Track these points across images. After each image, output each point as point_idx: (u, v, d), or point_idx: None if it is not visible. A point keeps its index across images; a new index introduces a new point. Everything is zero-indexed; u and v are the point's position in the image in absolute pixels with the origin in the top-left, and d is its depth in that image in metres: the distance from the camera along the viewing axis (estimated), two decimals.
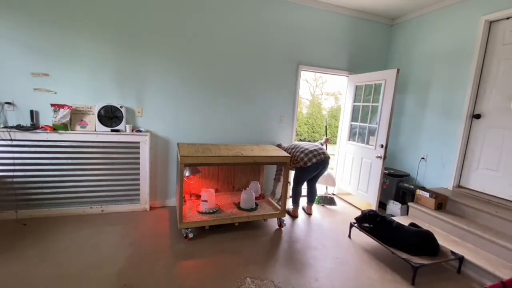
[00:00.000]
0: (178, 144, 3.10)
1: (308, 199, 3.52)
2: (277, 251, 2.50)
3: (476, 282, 2.20)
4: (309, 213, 3.47)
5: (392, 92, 3.18)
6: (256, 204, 3.06)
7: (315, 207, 3.68)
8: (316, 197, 3.60)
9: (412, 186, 3.32)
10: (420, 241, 2.29)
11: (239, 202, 3.06)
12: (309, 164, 3.15)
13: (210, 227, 2.80)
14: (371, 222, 2.60)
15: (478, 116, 3.02)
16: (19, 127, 2.65)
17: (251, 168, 3.60)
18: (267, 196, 3.44)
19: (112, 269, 2.06)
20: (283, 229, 2.96)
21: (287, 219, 3.22)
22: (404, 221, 2.90)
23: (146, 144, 3.05)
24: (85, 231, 2.59)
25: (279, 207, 2.99)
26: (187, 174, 3.05)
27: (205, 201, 2.83)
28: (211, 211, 2.82)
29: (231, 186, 3.56)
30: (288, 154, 2.92)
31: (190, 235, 2.58)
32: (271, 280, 2.06)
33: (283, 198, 2.92)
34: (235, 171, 3.54)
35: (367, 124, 3.71)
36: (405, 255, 2.23)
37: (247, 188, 3.12)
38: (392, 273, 2.26)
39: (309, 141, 12.12)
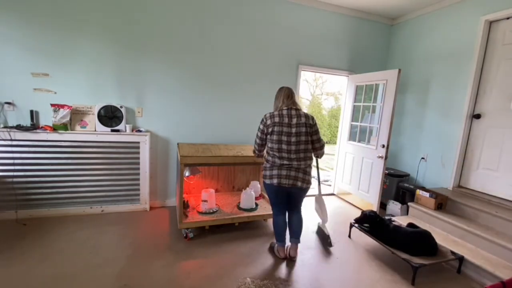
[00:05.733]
0: (178, 144, 3.10)
1: (290, 234, 2.40)
2: None
3: (476, 282, 2.20)
4: (289, 256, 2.35)
5: (393, 92, 3.18)
6: (256, 204, 3.06)
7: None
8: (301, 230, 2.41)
9: (412, 186, 3.32)
10: (416, 242, 2.29)
11: (239, 202, 3.05)
12: (268, 182, 2.20)
13: (210, 227, 2.80)
14: (370, 222, 2.61)
15: (478, 116, 3.02)
16: (19, 127, 2.65)
17: (251, 168, 3.60)
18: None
19: (112, 269, 2.06)
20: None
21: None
22: (404, 221, 2.91)
23: (146, 144, 3.05)
24: (85, 231, 2.59)
25: None
26: (187, 174, 3.04)
27: (205, 201, 2.83)
28: (211, 211, 2.82)
29: (231, 186, 3.56)
30: None
31: (190, 235, 2.58)
32: (271, 280, 2.06)
33: None
34: (235, 171, 3.54)
35: (368, 124, 3.71)
36: (405, 255, 2.23)
37: (247, 188, 3.12)
38: (392, 273, 2.26)
39: None
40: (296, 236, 2.36)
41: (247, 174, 3.59)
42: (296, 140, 2.12)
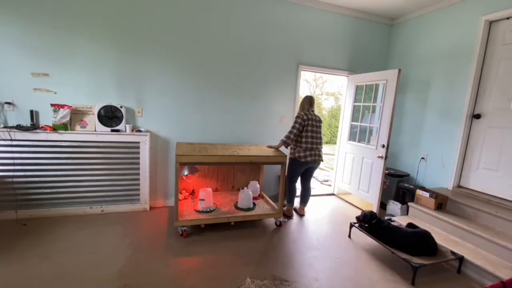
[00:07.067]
0: (177, 143, 3.10)
1: (302, 199, 3.40)
2: (277, 251, 2.50)
3: (476, 282, 2.20)
4: (302, 214, 3.36)
5: (393, 92, 3.18)
6: (254, 204, 3.07)
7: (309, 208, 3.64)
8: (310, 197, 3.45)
9: (412, 186, 3.32)
10: (416, 242, 2.29)
11: (237, 202, 3.06)
12: (303, 160, 3.07)
13: (210, 226, 2.80)
14: (367, 223, 2.61)
15: (478, 116, 3.02)
16: (19, 127, 2.65)
17: (251, 167, 3.60)
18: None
19: (112, 269, 2.06)
20: (282, 228, 2.96)
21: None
22: (404, 221, 2.91)
23: (146, 144, 3.05)
24: (85, 231, 2.59)
25: (276, 207, 2.99)
26: (186, 173, 3.05)
27: (203, 200, 2.84)
28: (208, 210, 2.83)
29: (231, 185, 3.56)
30: (284, 154, 2.92)
31: (188, 230, 2.60)
32: (271, 280, 2.06)
33: (280, 198, 2.91)
34: (234, 171, 3.54)
35: (368, 124, 3.71)
36: (405, 255, 2.23)
37: (245, 188, 3.13)
38: (392, 273, 2.26)
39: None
40: (305, 201, 3.40)
41: (246, 174, 3.60)
42: (318, 131, 3.15)
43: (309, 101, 3.19)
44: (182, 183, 3.23)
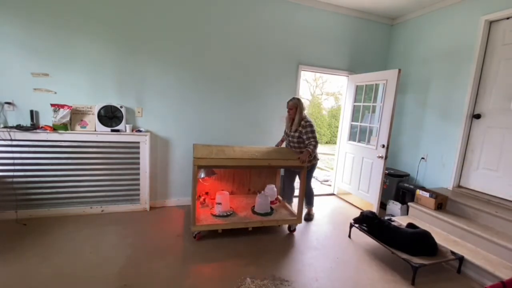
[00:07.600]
0: (193, 145, 3.01)
1: (308, 201, 3.31)
2: (277, 251, 2.50)
3: (476, 282, 2.20)
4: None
5: (393, 92, 3.18)
6: (272, 209, 2.95)
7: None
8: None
9: (412, 186, 3.32)
10: (416, 242, 2.29)
11: (253, 206, 2.97)
12: (317, 164, 3.12)
13: (223, 230, 2.70)
14: (368, 223, 2.61)
15: (478, 116, 3.02)
16: (19, 127, 2.65)
17: (267, 170, 3.48)
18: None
19: (112, 269, 2.06)
20: (281, 229, 2.95)
21: None
22: (404, 221, 2.91)
23: (146, 144, 3.05)
24: (85, 231, 2.59)
25: (295, 212, 2.89)
26: (202, 175, 2.97)
27: (219, 203, 2.75)
28: (225, 214, 2.75)
29: (247, 188, 3.47)
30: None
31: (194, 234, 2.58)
32: (271, 280, 2.06)
33: (300, 202, 2.81)
34: (250, 174, 3.45)
35: (368, 124, 3.71)
36: (405, 255, 2.23)
37: (262, 192, 3.02)
38: (392, 273, 2.26)
39: None
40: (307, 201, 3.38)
41: (263, 177, 3.49)
42: None
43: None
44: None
